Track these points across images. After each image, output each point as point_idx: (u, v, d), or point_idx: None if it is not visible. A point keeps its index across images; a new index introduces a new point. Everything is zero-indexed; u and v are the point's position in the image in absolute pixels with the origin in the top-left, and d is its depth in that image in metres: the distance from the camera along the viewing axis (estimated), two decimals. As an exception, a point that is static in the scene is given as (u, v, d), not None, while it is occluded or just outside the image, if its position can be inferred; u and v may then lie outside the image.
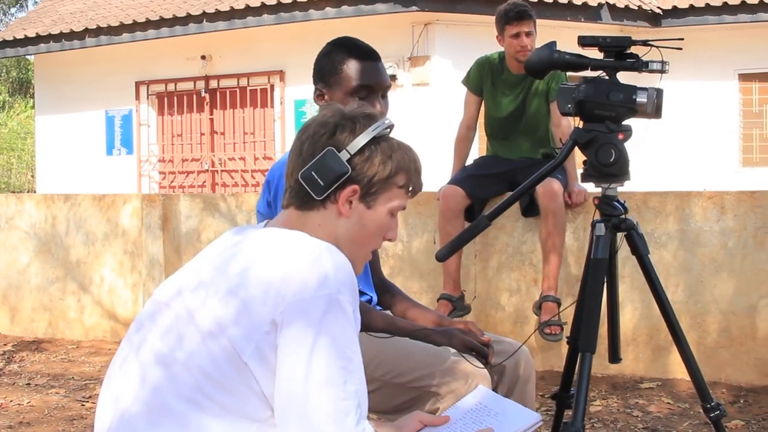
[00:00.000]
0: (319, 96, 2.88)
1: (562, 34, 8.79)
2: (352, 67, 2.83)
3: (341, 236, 2.07)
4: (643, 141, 3.11)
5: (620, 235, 2.90)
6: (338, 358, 1.84)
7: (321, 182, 2.01)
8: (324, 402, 1.81)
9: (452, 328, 2.84)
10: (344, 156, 2.01)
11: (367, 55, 2.88)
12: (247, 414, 1.87)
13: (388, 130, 2.10)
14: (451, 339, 2.78)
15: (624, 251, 2.97)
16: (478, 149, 5.80)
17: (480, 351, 2.75)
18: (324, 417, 1.80)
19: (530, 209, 5.37)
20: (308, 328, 1.82)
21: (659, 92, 2.75)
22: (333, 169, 2.01)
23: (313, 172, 2.01)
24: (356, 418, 1.83)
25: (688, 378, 5.03)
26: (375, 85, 2.85)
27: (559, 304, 5.10)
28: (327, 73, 2.86)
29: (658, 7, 13.18)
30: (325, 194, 2.03)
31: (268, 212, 2.87)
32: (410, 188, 2.12)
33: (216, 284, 1.94)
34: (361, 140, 2.03)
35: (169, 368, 1.90)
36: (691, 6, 12.94)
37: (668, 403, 4.91)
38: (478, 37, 11.05)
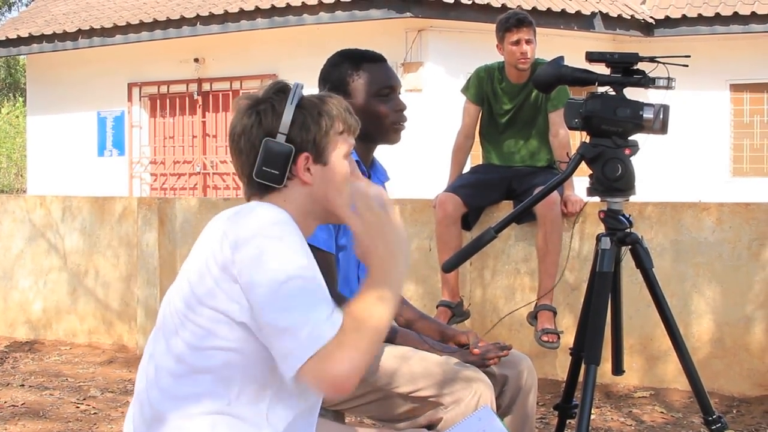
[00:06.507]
0: None
1: (554, 42, 8.85)
2: (372, 71, 2.91)
3: (315, 199, 2.15)
4: (643, 154, 3.14)
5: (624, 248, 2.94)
6: (297, 278, 1.92)
7: (275, 171, 2.09)
8: (305, 329, 1.89)
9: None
10: (281, 138, 2.09)
11: (381, 58, 2.97)
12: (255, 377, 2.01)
13: (302, 91, 2.16)
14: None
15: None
16: (471, 157, 5.79)
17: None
18: (315, 341, 1.89)
19: (525, 216, 5.38)
20: (258, 264, 1.93)
21: (665, 108, 2.79)
22: (279, 155, 2.08)
23: (264, 167, 2.09)
24: (330, 322, 1.91)
25: (681, 388, 5.12)
26: (396, 85, 2.95)
27: (555, 313, 5.12)
28: (344, 81, 2.90)
29: (651, 17, 13.24)
30: (284, 178, 2.10)
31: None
32: (350, 128, 2.19)
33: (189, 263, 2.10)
34: (287, 116, 2.09)
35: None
36: (684, 16, 13.02)
37: (662, 412, 4.95)
38: (472, 44, 11.11)
